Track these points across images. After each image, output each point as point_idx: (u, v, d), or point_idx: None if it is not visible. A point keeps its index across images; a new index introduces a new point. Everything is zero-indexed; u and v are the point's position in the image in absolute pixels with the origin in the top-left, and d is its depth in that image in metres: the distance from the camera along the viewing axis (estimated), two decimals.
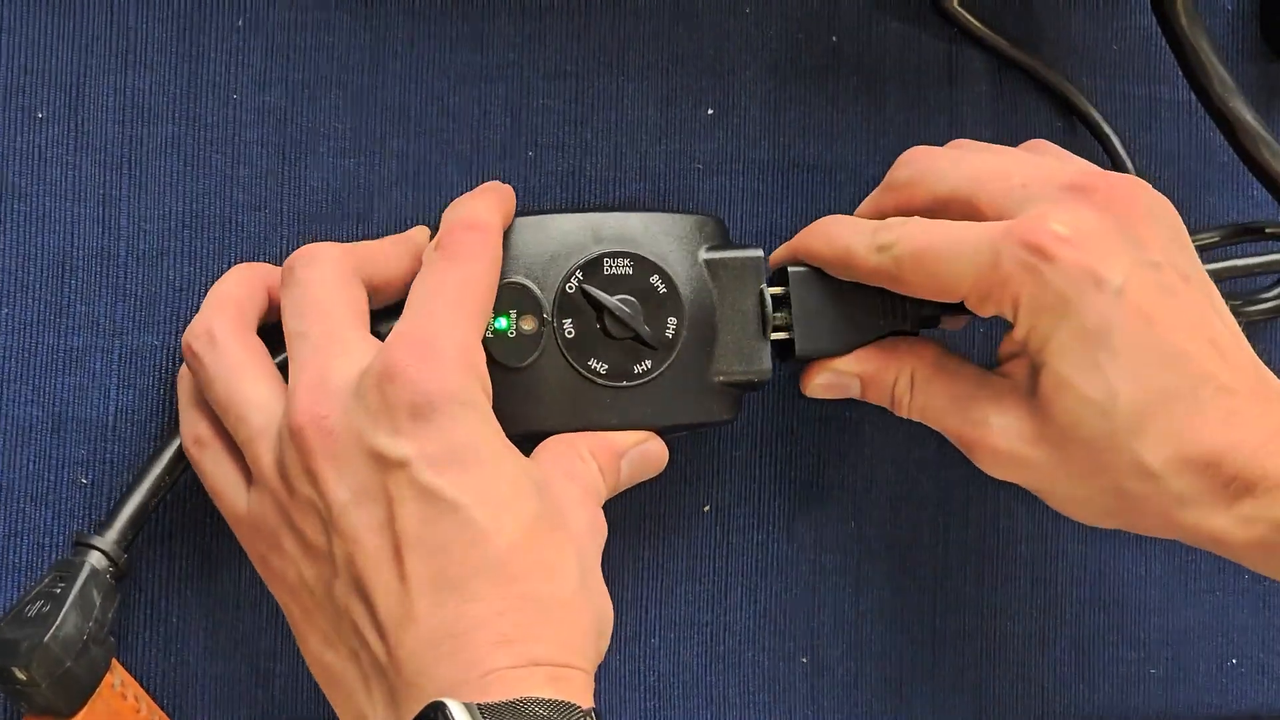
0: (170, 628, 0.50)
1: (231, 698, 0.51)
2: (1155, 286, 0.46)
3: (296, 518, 0.43)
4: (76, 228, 0.50)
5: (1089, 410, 0.45)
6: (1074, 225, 0.45)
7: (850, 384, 0.51)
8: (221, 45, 0.51)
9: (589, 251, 0.49)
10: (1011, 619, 0.58)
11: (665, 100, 0.55)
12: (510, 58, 0.54)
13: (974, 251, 0.46)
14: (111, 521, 0.47)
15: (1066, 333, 0.45)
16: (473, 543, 0.41)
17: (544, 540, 0.43)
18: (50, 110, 0.50)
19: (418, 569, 0.41)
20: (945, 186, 0.49)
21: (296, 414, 0.43)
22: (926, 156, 0.50)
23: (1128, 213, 0.46)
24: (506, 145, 0.54)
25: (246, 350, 0.45)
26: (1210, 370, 0.45)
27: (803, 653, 0.56)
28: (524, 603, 0.41)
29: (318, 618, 0.43)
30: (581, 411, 0.48)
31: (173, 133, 0.51)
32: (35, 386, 0.49)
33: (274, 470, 0.43)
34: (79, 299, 0.50)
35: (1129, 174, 0.48)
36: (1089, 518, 0.48)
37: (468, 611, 0.41)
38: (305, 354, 0.44)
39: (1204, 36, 0.56)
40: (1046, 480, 0.48)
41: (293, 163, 0.52)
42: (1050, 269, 0.45)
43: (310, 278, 0.46)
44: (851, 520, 0.57)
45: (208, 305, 0.47)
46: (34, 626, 0.44)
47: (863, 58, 0.57)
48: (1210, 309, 0.47)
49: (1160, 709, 0.59)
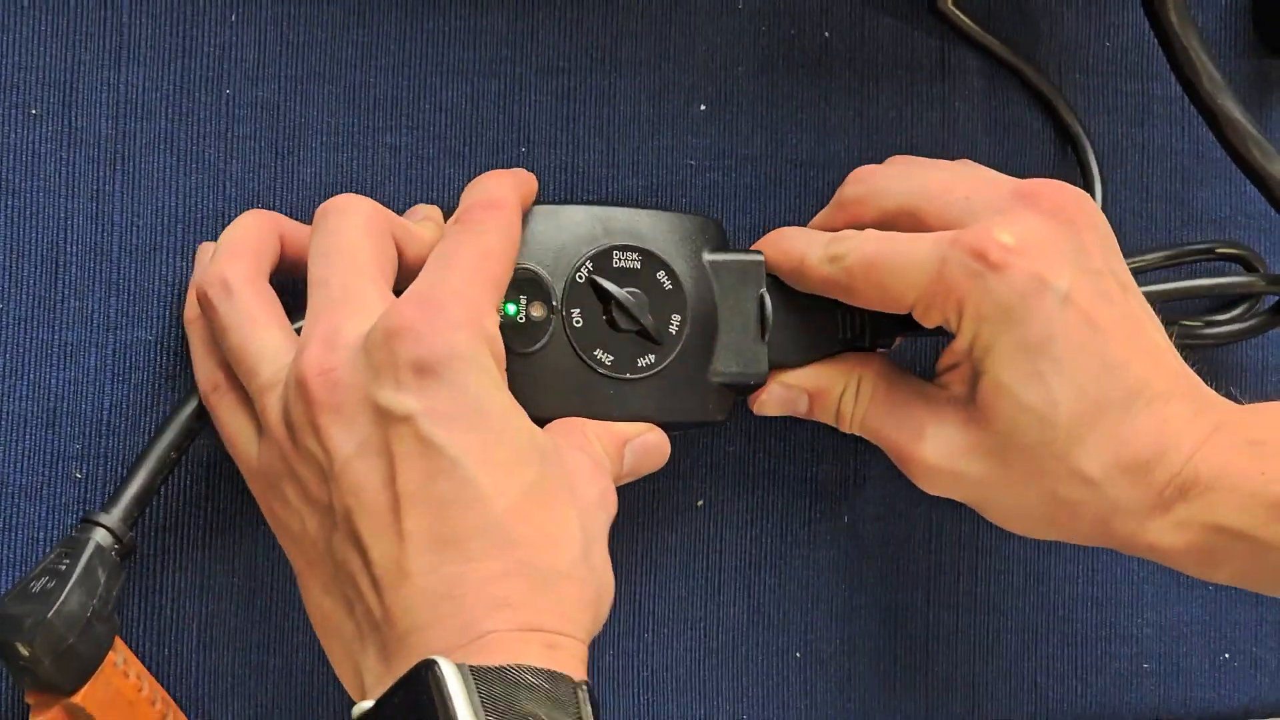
0: (165, 620, 0.50)
1: (226, 690, 0.51)
2: (1097, 294, 0.46)
3: (299, 469, 0.43)
4: (69, 223, 0.50)
5: (1029, 418, 0.46)
6: (1019, 233, 0.46)
7: (799, 399, 0.51)
8: (214, 40, 0.51)
9: (599, 243, 0.49)
10: (1004, 615, 0.58)
11: (658, 96, 0.55)
12: (503, 53, 0.54)
13: (920, 261, 0.47)
14: (117, 499, 0.46)
15: (1009, 341, 0.46)
16: (472, 502, 0.41)
17: (547, 507, 0.43)
18: (43, 106, 0.50)
19: (416, 526, 0.41)
20: (892, 202, 0.50)
21: (303, 366, 0.42)
22: (874, 174, 0.51)
23: (1071, 220, 0.47)
24: (499, 141, 0.54)
25: (260, 300, 0.45)
26: (1147, 377, 0.46)
27: (796, 648, 0.56)
28: (523, 567, 0.41)
29: (319, 568, 0.43)
30: (584, 400, 0.48)
31: (165, 128, 0.51)
32: (29, 382, 0.49)
33: (280, 421, 0.43)
34: (72, 294, 0.50)
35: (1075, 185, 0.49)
36: (1027, 529, 0.49)
37: (465, 572, 0.41)
38: (321, 303, 0.44)
39: (1193, 33, 0.56)
40: (983, 492, 0.48)
41: (285, 157, 0.52)
42: (994, 277, 0.46)
43: (342, 225, 0.45)
44: (844, 515, 0.57)
45: (223, 251, 0.46)
46: (38, 602, 0.44)
47: (855, 54, 0.57)
48: (1146, 317, 0.48)
49: (1154, 704, 0.59)
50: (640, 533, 0.55)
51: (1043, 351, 0.46)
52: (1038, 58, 0.59)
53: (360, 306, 0.43)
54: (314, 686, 0.51)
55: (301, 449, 0.43)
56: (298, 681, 0.51)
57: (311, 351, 0.43)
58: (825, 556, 0.56)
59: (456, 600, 0.40)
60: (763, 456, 0.56)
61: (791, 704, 0.56)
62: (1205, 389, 0.48)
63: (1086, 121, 0.58)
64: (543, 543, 0.42)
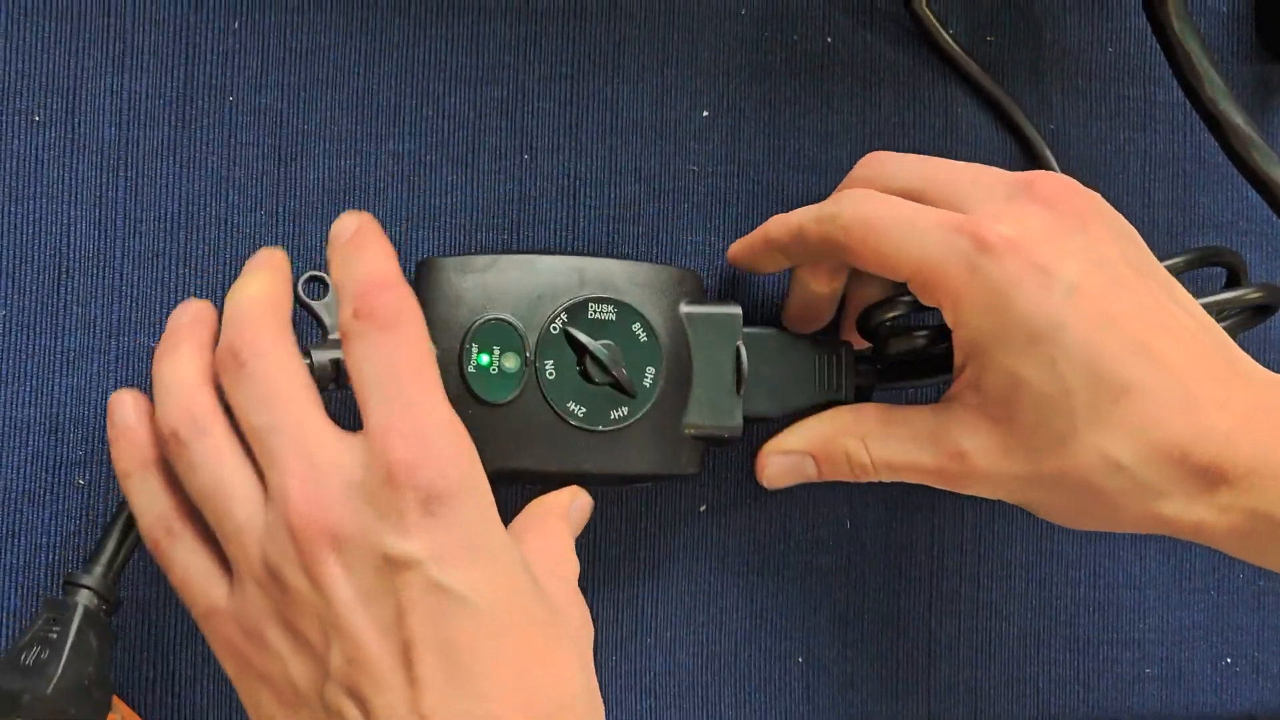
0: (165, 632, 0.50)
1: (229, 697, 0.51)
2: (1109, 281, 0.45)
3: (291, 615, 0.42)
4: (72, 230, 0.50)
5: (1047, 405, 0.45)
6: (1022, 225, 0.45)
7: (804, 463, 0.51)
8: (217, 48, 0.51)
9: (574, 295, 0.49)
10: (1007, 619, 0.58)
11: (660, 102, 0.55)
12: (505, 60, 0.54)
13: (923, 234, 0.46)
14: (98, 556, 0.45)
15: (1014, 329, 0.45)
16: (485, 639, 0.40)
17: (550, 640, 0.42)
18: (46, 113, 0.50)
19: (429, 670, 0.40)
20: (898, 183, 0.49)
21: (294, 512, 0.41)
22: (885, 158, 0.51)
23: (1077, 211, 0.46)
24: (501, 148, 0.54)
25: (230, 435, 0.43)
26: (1171, 360, 0.45)
27: (798, 653, 0.56)
28: (532, 704, 0.41)
29: (300, 715, 0.42)
30: (556, 453, 0.48)
31: (168, 135, 0.51)
32: (32, 388, 0.49)
33: (262, 566, 0.42)
34: (75, 301, 0.50)
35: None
36: (1074, 522, 0.48)
37: (482, 712, 0.40)
38: (281, 447, 0.42)
39: (1195, 39, 0.56)
40: (1027, 489, 0.48)
41: (288, 164, 0.52)
42: (992, 265, 0.45)
43: (268, 370, 0.43)
44: (847, 521, 0.57)
45: (178, 386, 0.44)
46: (34, 677, 0.43)
47: (858, 59, 0.57)
48: (1167, 298, 0.46)
49: (1156, 709, 0.59)
50: (643, 538, 0.55)
51: (1053, 340, 0.45)
52: (1040, 62, 0.59)
53: (321, 441, 0.42)
54: None
55: (293, 595, 0.41)
56: None
57: (297, 495, 0.41)
58: (827, 561, 0.56)
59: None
60: None
61: (794, 709, 0.56)
62: (1246, 364, 0.46)
63: (1052, 129, 0.58)
64: (552, 674, 0.42)
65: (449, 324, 0.48)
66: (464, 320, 0.48)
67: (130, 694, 0.50)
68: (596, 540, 0.54)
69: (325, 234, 0.51)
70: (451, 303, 0.48)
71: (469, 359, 0.48)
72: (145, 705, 0.50)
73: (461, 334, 0.48)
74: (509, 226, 0.54)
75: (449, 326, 0.48)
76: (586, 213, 0.54)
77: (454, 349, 0.48)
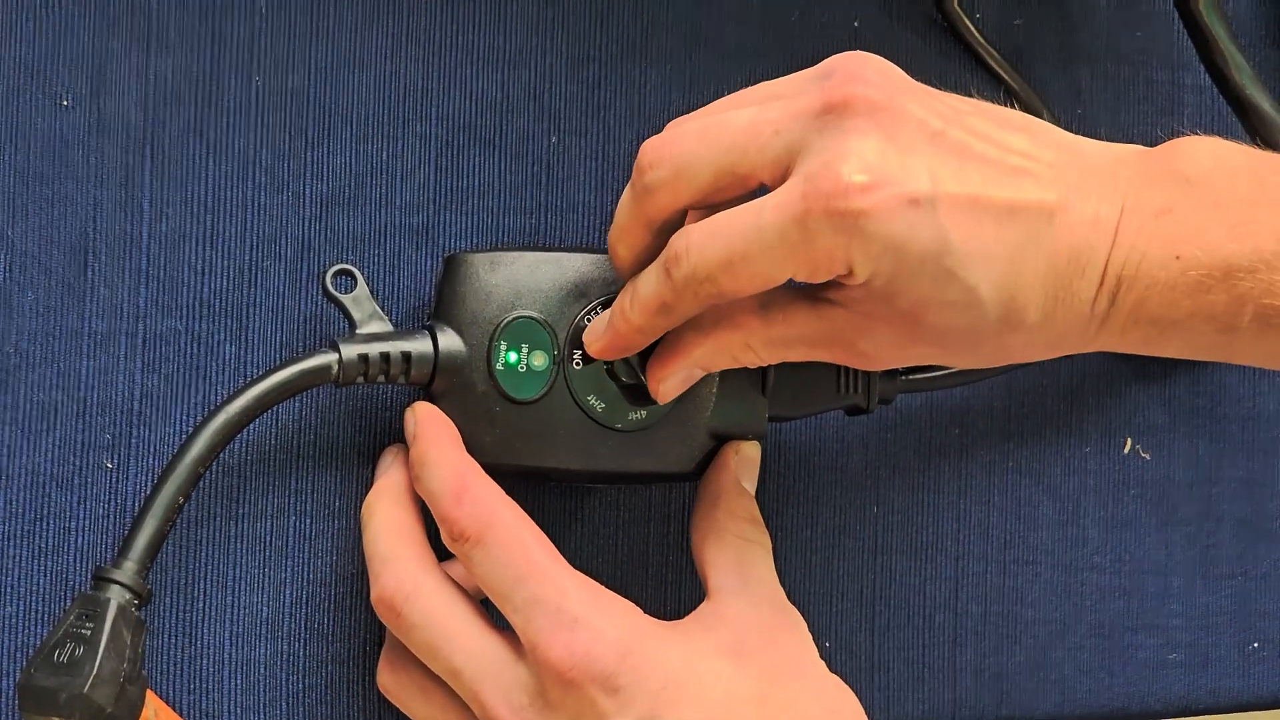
0: (195, 612, 0.50)
1: (257, 681, 0.51)
2: (951, 160, 0.43)
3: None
4: (99, 211, 0.50)
5: (956, 311, 0.44)
6: (861, 162, 0.42)
7: (693, 374, 0.48)
8: (243, 29, 0.51)
9: (603, 293, 0.49)
10: (1032, 605, 0.58)
11: (687, 85, 0.55)
12: (533, 42, 0.54)
13: (781, 238, 0.43)
14: (128, 551, 0.45)
15: (910, 261, 0.43)
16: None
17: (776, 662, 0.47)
18: (73, 95, 0.50)
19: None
20: (706, 173, 0.44)
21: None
22: (669, 147, 0.45)
23: (884, 106, 0.43)
24: (528, 130, 0.54)
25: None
26: (1036, 197, 0.43)
27: (825, 638, 0.56)
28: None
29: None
30: (582, 451, 0.48)
31: (195, 116, 0.51)
32: (59, 371, 0.49)
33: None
34: (102, 283, 0.50)
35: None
36: (984, 365, 0.47)
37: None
38: (470, 683, 0.46)
39: (1222, 23, 0.56)
40: (934, 359, 0.47)
41: (314, 146, 0.52)
42: (867, 221, 0.42)
43: (424, 620, 0.46)
44: (873, 506, 0.57)
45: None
46: (70, 674, 0.43)
47: (885, 43, 0.57)
48: (996, 128, 0.45)
49: (1181, 694, 0.59)
50: (670, 523, 0.55)
51: (943, 252, 0.42)
52: (1068, 46, 0.59)
53: (498, 666, 0.46)
54: (344, 676, 0.51)
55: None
56: (329, 671, 0.51)
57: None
58: (853, 546, 0.56)
59: None
60: (792, 447, 0.56)
61: None
62: (1097, 154, 0.45)
63: (1079, 114, 0.59)
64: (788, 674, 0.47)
65: (478, 320, 0.48)
66: (493, 317, 0.48)
67: (156, 678, 0.50)
68: (622, 529, 0.54)
69: (351, 216, 0.52)
70: (481, 299, 0.48)
71: (497, 356, 0.48)
72: (173, 690, 0.50)
73: (490, 331, 0.48)
74: (535, 209, 0.54)
75: (478, 323, 0.48)
76: (613, 196, 0.54)
77: (483, 346, 0.48)
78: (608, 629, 0.44)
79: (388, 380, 0.48)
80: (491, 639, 0.46)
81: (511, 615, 0.45)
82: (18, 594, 0.49)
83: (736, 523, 0.49)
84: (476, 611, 0.47)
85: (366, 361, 0.47)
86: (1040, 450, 0.58)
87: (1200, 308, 0.43)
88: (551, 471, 0.49)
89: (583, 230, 0.54)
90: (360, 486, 0.51)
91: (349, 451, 0.51)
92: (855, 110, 0.43)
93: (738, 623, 0.47)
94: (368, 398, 0.51)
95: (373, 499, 0.49)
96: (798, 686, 0.47)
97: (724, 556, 0.48)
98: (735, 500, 0.49)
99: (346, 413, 0.51)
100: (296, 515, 0.51)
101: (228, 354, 0.51)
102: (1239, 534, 0.60)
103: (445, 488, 0.46)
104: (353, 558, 0.51)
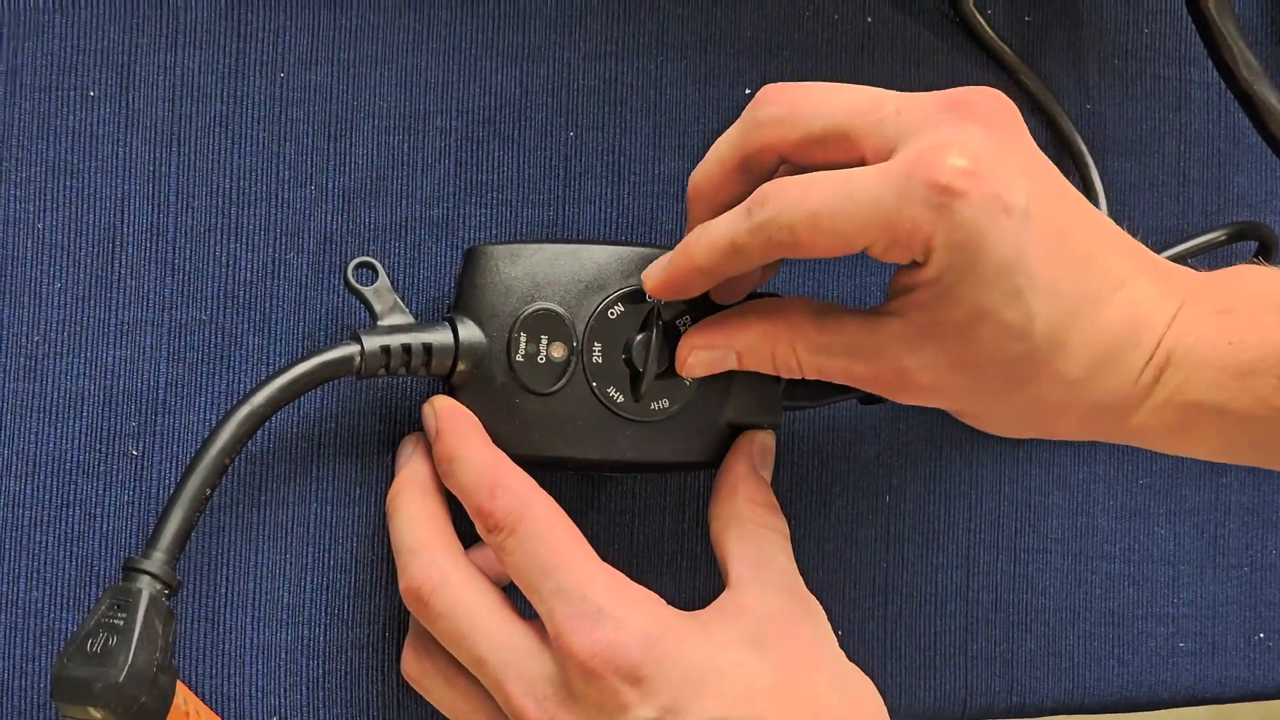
0: (218, 599, 0.51)
1: (278, 666, 0.51)
2: (1050, 197, 0.44)
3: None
4: (126, 204, 0.51)
5: (1010, 336, 0.44)
6: (970, 153, 0.43)
7: (727, 358, 0.49)
8: (268, 24, 0.52)
9: (621, 285, 0.49)
10: (1043, 594, 0.58)
11: (704, 80, 0.56)
12: (552, 38, 0.54)
13: (873, 201, 0.43)
14: (157, 541, 0.46)
15: (985, 264, 0.43)
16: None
17: (794, 650, 0.48)
18: (101, 89, 0.50)
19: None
20: (819, 122, 0.45)
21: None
22: (792, 91, 0.46)
23: (1007, 124, 0.45)
24: (547, 124, 0.54)
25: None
26: (1112, 265, 0.45)
27: (837, 625, 0.56)
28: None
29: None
30: (600, 441, 0.49)
31: (220, 110, 0.51)
32: (86, 360, 0.50)
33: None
34: (128, 274, 0.50)
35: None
36: (1009, 431, 0.48)
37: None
38: (494, 674, 0.47)
39: (1230, 19, 0.56)
40: (967, 401, 0.47)
41: (337, 140, 0.52)
42: (961, 205, 0.43)
43: (451, 610, 0.47)
44: (885, 495, 0.57)
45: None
46: (103, 664, 0.44)
47: (897, 39, 0.58)
48: (1091, 208, 0.46)
49: (1190, 683, 0.60)
50: (685, 511, 0.55)
51: (1018, 269, 0.43)
52: (1077, 42, 0.59)
53: (522, 657, 0.47)
54: (365, 662, 0.52)
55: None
56: (349, 657, 0.52)
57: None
58: (865, 535, 0.57)
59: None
60: (804, 435, 0.56)
61: None
62: (1169, 264, 0.47)
63: (1088, 109, 0.59)
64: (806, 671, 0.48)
65: (498, 312, 0.49)
66: (513, 309, 0.49)
67: (179, 663, 0.50)
68: (638, 517, 0.55)
69: (373, 209, 0.52)
70: (501, 291, 0.49)
71: (517, 348, 0.48)
72: (195, 674, 0.50)
73: (510, 323, 0.48)
74: (554, 202, 0.54)
75: (498, 315, 0.49)
76: (630, 189, 0.55)
77: (503, 337, 0.48)
78: (631, 620, 0.45)
79: (409, 372, 0.49)
80: (517, 629, 0.46)
81: (538, 605, 0.46)
82: (44, 579, 0.49)
83: (756, 510, 0.49)
84: (503, 601, 0.47)
85: (388, 353, 0.48)
86: (1050, 440, 0.59)
87: (1247, 389, 0.44)
88: (570, 461, 0.49)
89: (601, 223, 0.55)
90: (381, 475, 0.52)
91: (370, 440, 0.52)
92: (977, 116, 0.44)
93: (759, 613, 0.47)
94: (388, 387, 0.52)
95: (397, 490, 0.49)
96: (818, 677, 0.47)
97: (744, 545, 0.49)
98: (754, 488, 0.50)
99: (367, 402, 0.52)
100: (318, 503, 0.52)
101: (251, 344, 0.51)
102: (1247, 524, 0.61)
103: (479, 482, 0.47)
104: (373, 545, 0.52)
